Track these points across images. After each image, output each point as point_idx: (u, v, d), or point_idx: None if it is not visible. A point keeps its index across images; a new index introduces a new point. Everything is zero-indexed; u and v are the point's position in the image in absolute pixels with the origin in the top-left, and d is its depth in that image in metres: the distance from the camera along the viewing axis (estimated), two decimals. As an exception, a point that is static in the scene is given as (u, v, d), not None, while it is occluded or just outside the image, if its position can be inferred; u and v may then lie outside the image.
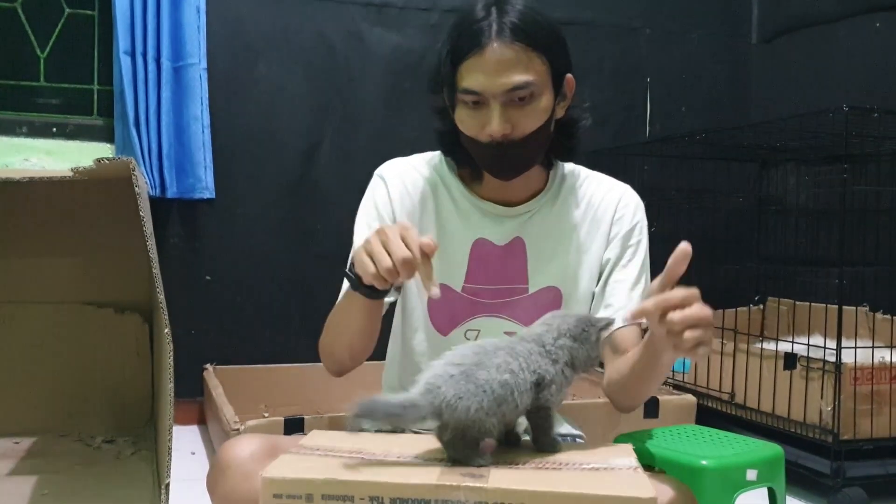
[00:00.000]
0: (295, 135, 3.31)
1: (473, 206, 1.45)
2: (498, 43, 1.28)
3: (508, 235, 1.44)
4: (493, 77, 1.28)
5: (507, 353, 1.06)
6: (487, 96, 1.29)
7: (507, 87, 1.28)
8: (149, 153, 3.01)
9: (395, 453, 1.08)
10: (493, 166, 1.38)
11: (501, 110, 1.29)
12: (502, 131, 1.30)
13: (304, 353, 3.05)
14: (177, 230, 3.18)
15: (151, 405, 2.01)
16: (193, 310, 3.18)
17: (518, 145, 1.32)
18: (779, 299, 3.37)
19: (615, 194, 1.49)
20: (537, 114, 1.32)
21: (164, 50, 3.01)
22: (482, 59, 1.28)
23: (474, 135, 1.33)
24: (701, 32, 3.84)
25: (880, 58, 3.19)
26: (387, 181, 1.47)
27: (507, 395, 1.02)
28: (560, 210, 1.46)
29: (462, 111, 1.34)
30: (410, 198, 1.45)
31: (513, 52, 1.28)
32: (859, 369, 2.35)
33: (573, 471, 1.03)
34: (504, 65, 1.28)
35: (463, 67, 1.30)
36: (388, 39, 3.37)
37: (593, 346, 1.12)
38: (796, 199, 3.47)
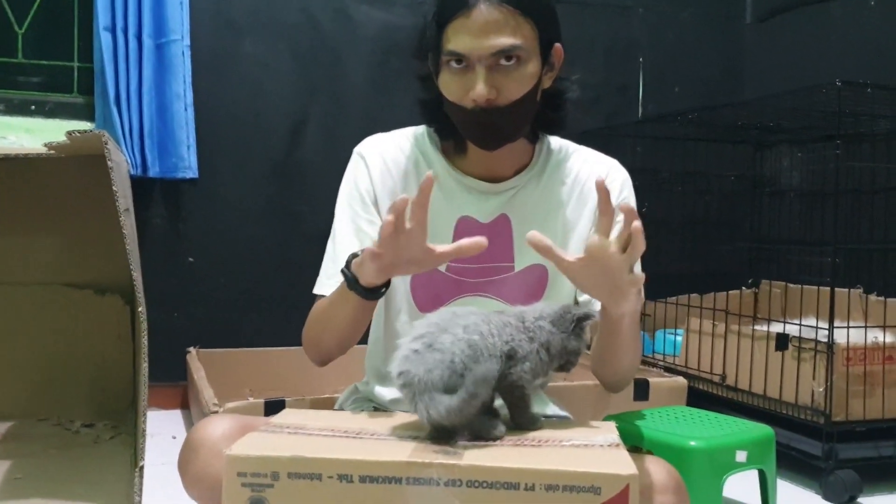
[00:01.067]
0: (280, 114, 3.26)
1: (457, 183, 1.41)
2: (486, 4, 1.24)
3: (493, 212, 1.40)
4: (479, 39, 1.24)
5: (478, 317, 1.03)
6: (473, 59, 1.25)
7: (493, 49, 1.24)
8: (130, 132, 2.95)
9: (369, 431, 1.05)
10: (476, 134, 1.33)
11: (487, 74, 1.25)
12: (487, 96, 1.25)
13: (290, 336, 2.96)
14: (159, 211, 3.14)
15: (133, 389, 1.97)
16: (176, 292, 3.14)
17: (503, 112, 1.28)
18: (771, 281, 3.34)
19: (602, 169, 1.45)
20: (524, 80, 1.28)
21: (146, 26, 2.96)
22: (469, 21, 1.24)
23: (458, 100, 1.29)
24: (694, 12, 3.80)
25: (874, 36, 3.15)
26: (366, 159, 1.43)
27: (478, 355, 0.99)
28: (546, 186, 1.43)
29: (446, 75, 1.30)
30: (391, 175, 1.41)
31: (500, 15, 1.24)
32: (852, 349, 2.32)
33: (552, 447, 0.99)
34: (491, 27, 1.24)
35: (449, 29, 1.27)
36: (376, 17, 3.32)
37: (570, 337, 1.08)
38: (790, 180, 3.44)
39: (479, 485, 0.90)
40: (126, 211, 1.52)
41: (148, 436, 1.54)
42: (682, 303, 3.14)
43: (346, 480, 0.92)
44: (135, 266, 1.49)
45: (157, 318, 2.57)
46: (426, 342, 0.99)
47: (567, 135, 1.51)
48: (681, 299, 3.16)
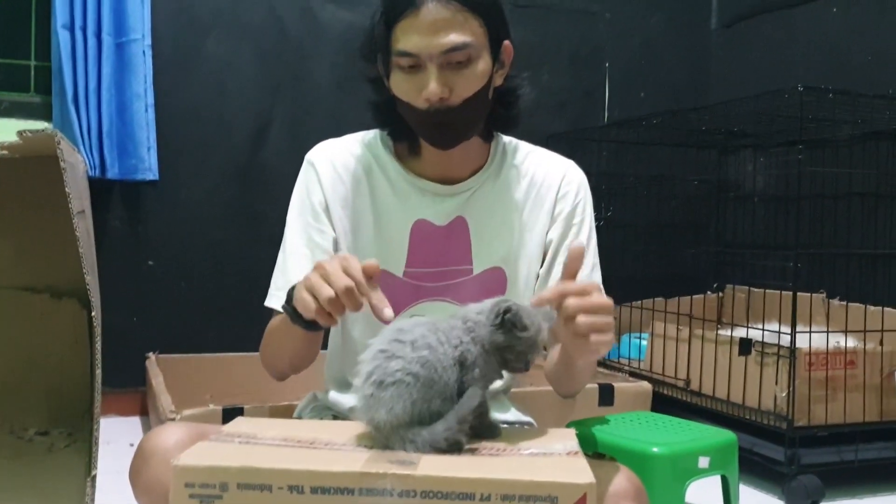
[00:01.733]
0: (244, 115, 3.22)
1: (411, 186, 1.38)
2: (433, 3, 1.22)
3: (450, 215, 1.38)
4: (428, 37, 1.23)
5: (424, 328, 1.00)
6: (423, 58, 1.24)
7: (443, 47, 1.23)
8: (88, 132, 2.90)
9: (322, 440, 1.02)
10: (430, 134, 1.31)
11: (438, 73, 1.24)
12: (440, 94, 1.24)
13: (252, 341, 2.92)
14: (118, 213, 3.08)
15: (90, 395, 1.93)
16: (136, 296, 3.09)
17: (456, 111, 1.27)
18: (735, 286, 3.36)
19: (559, 170, 1.43)
20: (475, 77, 1.27)
21: (106, 24, 2.90)
22: (417, 20, 1.23)
23: (410, 100, 1.27)
24: (660, 17, 3.81)
25: (837, 42, 3.19)
26: (316, 166, 1.40)
27: (433, 374, 0.96)
28: (502, 186, 1.41)
29: (397, 76, 1.28)
30: (342, 181, 1.39)
31: (449, 12, 1.23)
32: (814, 354, 2.33)
33: (510, 456, 0.97)
34: (440, 24, 1.23)
35: (397, 29, 1.25)
36: (342, 17, 3.29)
37: (499, 330, 1.00)
38: (754, 185, 3.47)
39: (434, 495, 0.88)
40: (80, 213, 1.48)
41: (104, 443, 1.51)
42: (647, 307, 3.14)
43: (296, 491, 0.89)
44: (89, 269, 1.45)
45: (115, 323, 2.55)
46: (376, 380, 0.96)
47: (533, 139, 1.50)
48: (646, 303, 3.17)
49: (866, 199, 2.95)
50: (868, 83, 2.93)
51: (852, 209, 2.96)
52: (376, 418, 0.96)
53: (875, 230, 2.91)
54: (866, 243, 2.90)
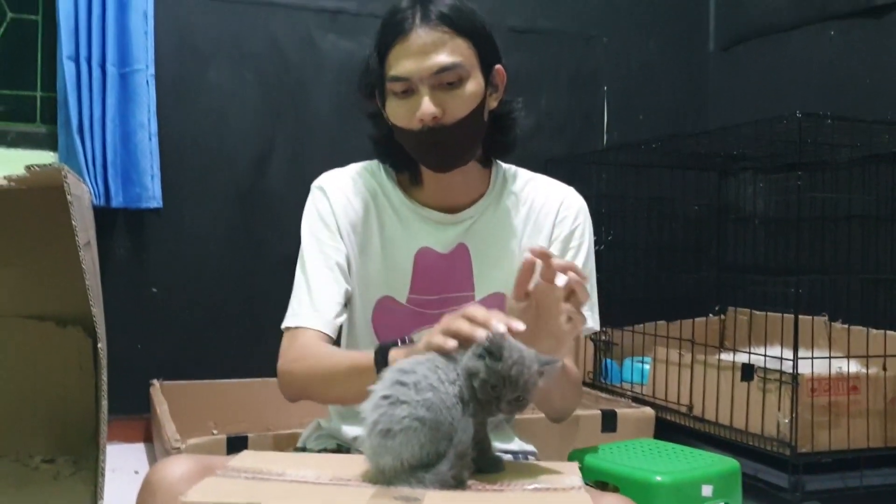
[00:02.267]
0: (246, 142, 3.24)
1: (414, 214, 1.41)
2: (422, 28, 1.27)
3: (452, 242, 1.41)
4: (418, 60, 1.27)
5: (425, 367, 0.99)
6: (416, 81, 1.28)
7: (433, 69, 1.27)
8: (93, 161, 2.92)
9: (328, 475, 1.02)
10: (427, 156, 1.34)
11: (431, 94, 1.27)
12: (433, 113, 1.27)
13: (255, 367, 2.98)
14: (122, 241, 3.10)
15: (95, 422, 1.94)
16: (140, 323, 3.09)
17: (450, 131, 1.29)
18: (737, 308, 3.36)
19: (557, 196, 1.45)
20: (467, 98, 1.30)
21: (110, 55, 2.93)
22: (407, 45, 1.27)
23: (406, 124, 1.31)
24: (658, 40, 3.84)
25: (835, 66, 3.20)
26: (327, 191, 1.42)
27: (438, 416, 0.96)
28: (502, 213, 1.43)
29: (393, 102, 1.32)
30: (352, 206, 1.41)
31: (438, 35, 1.27)
32: (816, 380, 2.33)
33: (515, 492, 0.97)
34: (429, 47, 1.27)
35: (390, 57, 1.29)
36: (342, 46, 3.32)
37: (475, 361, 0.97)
38: (754, 208, 3.48)
39: (440, 533, 0.88)
40: (86, 245, 1.50)
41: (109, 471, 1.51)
42: (649, 331, 3.14)
43: (303, 529, 0.90)
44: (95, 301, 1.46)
45: (119, 350, 2.55)
46: (383, 429, 0.95)
47: (533, 163, 1.52)
48: (648, 327, 3.17)
49: (866, 221, 2.96)
50: (866, 107, 2.94)
51: (852, 232, 2.97)
52: (382, 464, 0.96)
53: (876, 253, 2.91)
54: (867, 266, 2.91)
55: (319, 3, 3.30)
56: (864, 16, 3.09)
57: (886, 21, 3.01)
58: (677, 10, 3.87)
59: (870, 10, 3.05)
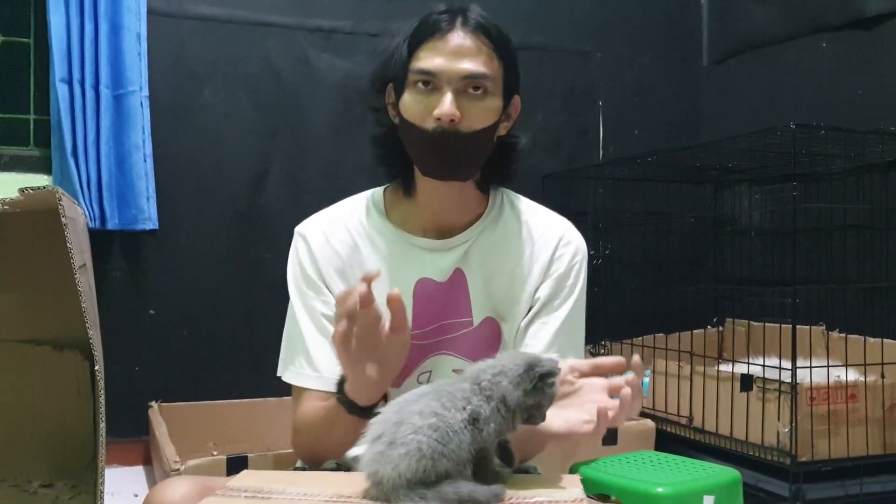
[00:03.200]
0: (242, 163, 3.24)
1: (409, 246, 1.37)
2: (463, 31, 1.27)
3: (449, 269, 1.37)
4: (451, 60, 1.26)
5: (430, 398, 0.99)
6: (442, 80, 1.26)
7: (464, 72, 1.26)
8: (88, 184, 2.92)
9: (329, 493, 1.02)
10: (432, 158, 1.30)
11: (454, 96, 1.25)
12: (452, 115, 1.24)
13: (254, 387, 2.97)
14: (118, 263, 3.09)
15: (94, 446, 1.93)
16: (137, 345, 3.08)
17: (462, 139, 1.27)
18: (735, 320, 3.36)
19: (557, 230, 1.42)
20: (487, 112, 1.29)
21: (103, 77, 2.94)
22: (443, 42, 1.26)
23: (419, 121, 1.27)
24: (652, 55, 3.85)
25: (827, 77, 3.22)
26: (308, 238, 1.38)
27: (444, 438, 0.96)
28: (499, 238, 1.40)
29: (411, 95, 1.29)
30: (336, 253, 1.37)
31: (475, 43, 1.27)
32: (815, 389, 2.33)
33: (515, 506, 0.97)
34: (465, 51, 1.26)
35: (421, 50, 1.28)
36: (337, 65, 3.33)
37: (531, 393, 1.02)
38: (750, 220, 3.49)
39: (441, 547, 0.88)
40: (82, 267, 1.49)
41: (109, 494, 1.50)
42: (647, 343, 3.14)
43: (303, 546, 0.89)
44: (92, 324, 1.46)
45: (117, 373, 2.55)
46: (387, 440, 0.96)
47: (530, 179, 1.51)
48: (646, 340, 3.17)
49: (861, 231, 2.96)
50: (859, 117, 2.96)
51: (847, 242, 2.97)
52: (380, 473, 0.96)
53: (871, 262, 2.92)
54: (862, 275, 2.91)
55: (314, 22, 3.32)
56: (855, 28, 3.11)
57: (877, 32, 3.03)
58: (670, 25, 3.89)
59: (861, 22, 3.07)
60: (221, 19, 3.21)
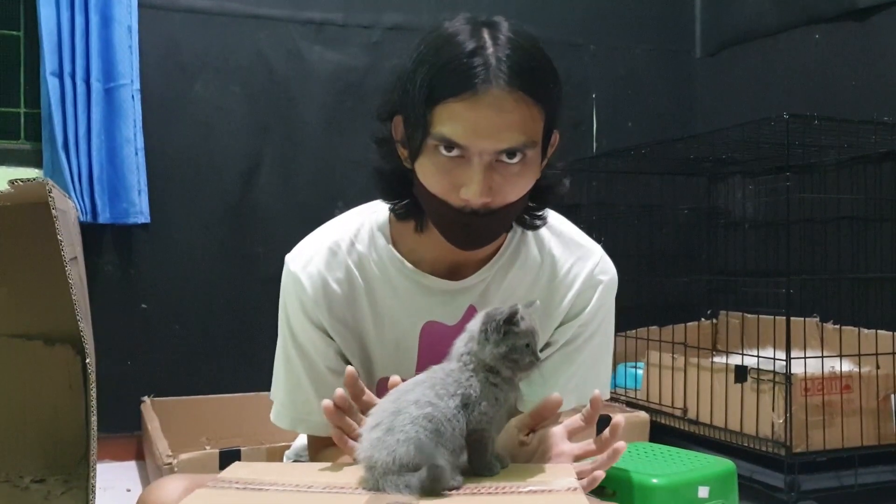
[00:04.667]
0: (234, 156, 3.23)
1: (418, 287, 1.23)
2: (497, 89, 1.03)
3: (460, 311, 1.23)
4: (485, 132, 1.04)
5: (425, 386, 0.99)
6: (472, 152, 1.05)
7: (500, 147, 1.05)
8: (79, 177, 2.90)
9: (321, 483, 1.01)
10: (457, 235, 1.13)
11: (485, 173, 1.05)
12: (483, 199, 1.06)
13: (246, 382, 2.96)
14: (110, 257, 3.08)
15: (86, 441, 1.91)
16: (130, 340, 3.07)
17: (495, 215, 1.09)
18: (729, 312, 3.36)
19: (584, 265, 1.27)
20: (525, 181, 1.10)
21: (94, 71, 2.92)
22: (474, 106, 1.03)
23: (444, 195, 1.08)
24: (645, 47, 3.85)
25: (820, 69, 3.22)
26: (302, 282, 1.23)
27: (440, 427, 0.95)
28: (516, 278, 1.25)
29: (430, 161, 1.08)
30: (335, 294, 1.23)
31: (512, 103, 1.04)
32: (809, 380, 2.33)
33: (509, 495, 0.96)
34: (501, 119, 1.04)
35: (444, 109, 1.05)
36: (329, 58, 3.31)
37: (501, 341, 0.98)
38: (744, 212, 3.48)
39: (434, 537, 0.87)
40: (73, 260, 1.48)
41: (101, 489, 1.49)
42: (641, 336, 3.14)
43: (296, 537, 0.89)
44: (83, 317, 1.44)
45: (109, 368, 2.53)
46: (385, 427, 0.96)
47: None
48: (640, 332, 3.17)
49: (855, 222, 2.96)
50: (852, 108, 2.95)
51: (842, 233, 2.97)
52: (375, 457, 0.95)
53: (865, 253, 2.92)
54: (857, 266, 2.91)
55: (305, 14, 3.30)
56: (848, 19, 3.10)
57: (870, 23, 3.03)
58: (663, 16, 3.88)
59: (854, 13, 3.07)
60: (213, 12, 3.20)
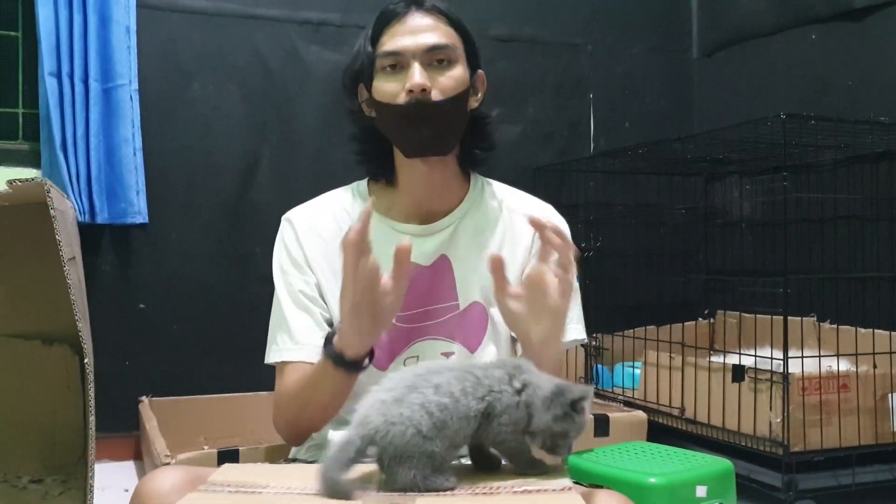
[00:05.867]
0: (232, 156, 3.23)
1: (392, 231, 1.40)
2: (418, 12, 1.35)
3: (434, 254, 1.40)
4: (412, 37, 1.32)
5: (454, 375, 1.00)
6: (408, 56, 1.32)
7: (426, 45, 1.32)
8: (77, 177, 2.91)
9: (313, 487, 1.00)
10: (410, 132, 1.34)
11: (421, 69, 1.31)
12: (422, 84, 1.30)
13: (245, 382, 2.96)
14: (108, 257, 3.08)
15: (84, 441, 1.92)
16: (128, 340, 3.07)
17: (436, 107, 1.31)
18: (726, 312, 3.37)
19: (538, 210, 1.44)
20: (455, 79, 1.33)
21: (92, 71, 2.92)
22: (402, 25, 1.33)
23: (392, 99, 1.33)
24: (642, 47, 3.85)
25: (817, 69, 3.22)
26: (294, 223, 1.43)
27: (447, 419, 0.96)
28: (481, 222, 1.44)
29: (381, 80, 1.34)
30: (322, 238, 1.41)
31: (431, 20, 1.35)
32: (807, 379, 2.33)
33: (503, 495, 0.97)
34: (424, 27, 1.33)
35: (384, 37, 1.34)
36: (326, 58, 3.32)
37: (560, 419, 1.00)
38: (740, 212, 3.49)
39: (431, 536, 0.88)
40: (71, 260, 1.48)
41: (99, 489, 1.49)
42: (639, 335, 3.14)
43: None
44: (81, 316, 1.45)
45: (108, 367, 2.53)
46: (395, 396, 0.97)
47: (521, 171, 1.52)
48: (638, 332, 3.17)
49: (852, 222, 2.97)
50: (849, 108, 2.96)
51: (838, 232, 2.98)
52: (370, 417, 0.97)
53: (862, 252, 2.93)
54: (853, 266, 2.92)
55: (303, 15, 3.31)
56: (844, 19, 3.11)
57: (866, 24, 3.03)
58: (660, 17, 3.89)
59: (850, 14, 3.08)
60: (210, 12, 3.20)
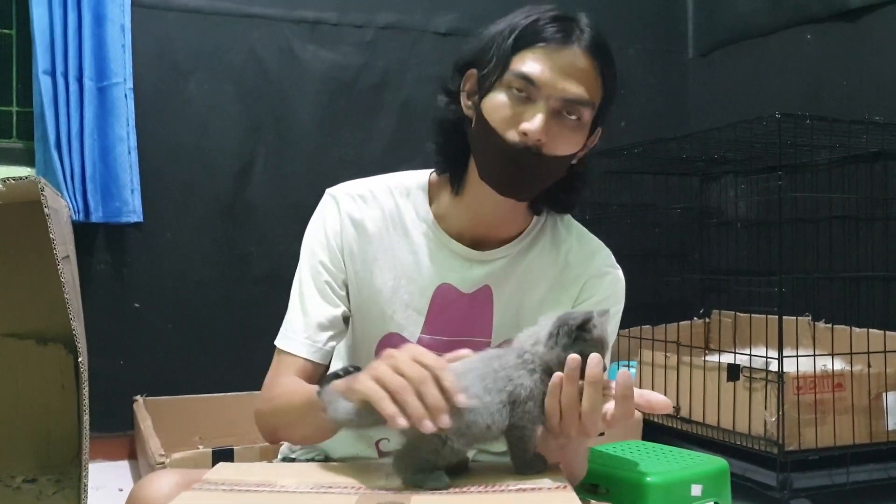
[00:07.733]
0: (227, 155, 3.23)
1: (441, 246, 1.28)
2: (578, 48, 1.16)
3: (477, 283, 1.28)
4: (559, 76, 1.15)
5: (474, 375, 0.99)
6: (541, 94, 1.15)
7: (568, 94, 1.15)
8: (71, 176, 2.90)
9: (308, 484, 1.00)
10: (504, 172, 1.19)
11: (547, 115, 1.15)
12: (539, 134, 1.14)
13: (240, 381, 2.95)
14: (103, 256, 3.07)
15: (78, 441, 1.91)
16: (122, 339, 3.06)
17: (540, 162, 1.17)
18: (721, 311, 3.37)
19: (596, 259, 1.34)
20: (575, 141, 1.19)
21: (87, 69, 2.91)
22: (556, 54, 1.15)
23: (503, 128, 1.17)
24: (638, 47, 3.85)
25: (812, 69, 3.23)
26: (340, 206, 1.30)
27: (477, 419, 0.97)
28: (533, 261, 1.31)
29: (499, 97, 1.17)
30: (365, 231, 1.29)
31: (587, 63, 1.17)
32: (801, 378, 2.34)
33: (499, 493, 0.97)
34: (575, 72, 1.16)
35: (528, 52, 1.16)
36: (323, 57, 3.31)
37: (570, 347, 0.99)
38: (736, 211, 3.50)
39: (426, 535, 0.87)
40: (65, 258, 1.48)
41: (93, 489, 1.49)
42: (634, 335, 3.14)
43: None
44: (75, 315, 1.44)
45: (102, 367, 2.53)
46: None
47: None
48: (633, 331, 3.17)
49: (847, 221, 2.98)
50: (844, 108, 2.97)
51: (833, 232, 2.99)
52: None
53: (857, 252, 2.93)
54: (848, 265, 2.92)
55: (299, 13, 3.30)
56: (839, 19, 3.12)
57: (861, 24, 3.04)
58: (656, 17, 3.89)
59: (845, 14, 3.09)
60: (206, 11, 3.19)
